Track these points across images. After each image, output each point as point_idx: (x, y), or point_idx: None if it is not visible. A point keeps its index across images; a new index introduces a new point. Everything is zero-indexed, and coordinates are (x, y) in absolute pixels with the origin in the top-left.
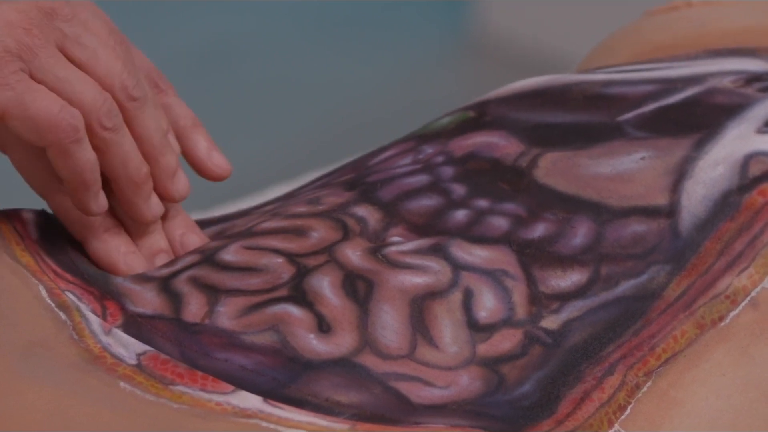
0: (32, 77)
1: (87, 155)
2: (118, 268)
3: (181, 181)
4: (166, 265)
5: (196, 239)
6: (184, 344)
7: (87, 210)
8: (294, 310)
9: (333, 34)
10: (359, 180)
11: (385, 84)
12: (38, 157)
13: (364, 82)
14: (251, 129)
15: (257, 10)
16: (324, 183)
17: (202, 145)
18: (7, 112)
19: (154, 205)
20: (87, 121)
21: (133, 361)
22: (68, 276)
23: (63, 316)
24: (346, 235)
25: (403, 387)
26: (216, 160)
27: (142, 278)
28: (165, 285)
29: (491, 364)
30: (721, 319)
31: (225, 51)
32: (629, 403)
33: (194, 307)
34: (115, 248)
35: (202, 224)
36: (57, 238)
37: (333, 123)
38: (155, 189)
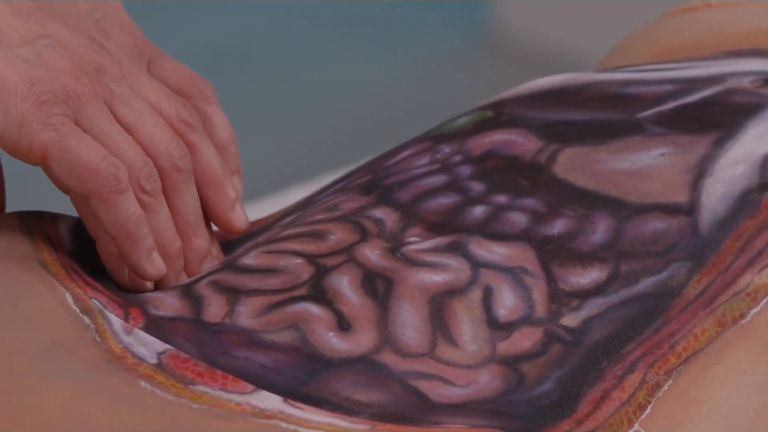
0: (77, 125)
1: (132, 208)
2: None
3: (209, 267)
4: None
5: None
6: (204, 343)
7: (140, 271)
8: (314, 309)
9: (349, 33)
10: (377, 182)
11: (402, 83)
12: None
13: (380, 81)
14: (266, 129)
15: (273, 9)
16: (341, 187)
17: (231, 196)
18: (48, 152)
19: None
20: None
21: (154, 360)
22: (97, 285)
23: (87, 320)
24: (364, 236)
25: (423, 385)
26: (239, 213)
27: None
28: (186, 290)
29: (511, 362)
30: (741, 316)
31: (240, 50)
32: (649, 402)
33: (214, 308)
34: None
35: (225, 246)
36: (90, 250)
37: (350, 122)
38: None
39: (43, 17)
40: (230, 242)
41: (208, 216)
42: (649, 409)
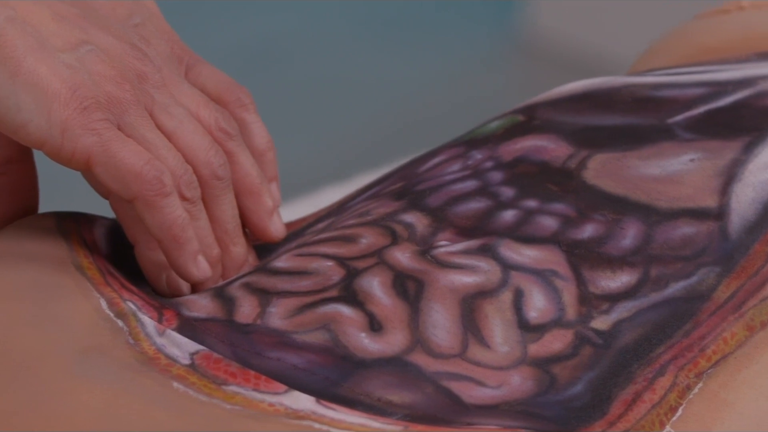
0: (120, 131)
1: (177, 211)
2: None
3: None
4: None
5: None
6: (236, 344)
7: (186, 274)
8: (345, 310)
9: (383, 34)
10: (408, 189)
11: (434, 84)
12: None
13: (412, 82)
14: (298, 130)
15: (305, 11)
16: (374, 193)
17: (268, 205)
18: (92, 158)
19: None
20: None
21: (187, 361)
22: (133, 288)
23: (120, 324)
24: (395, 240)
25: (455, 386)
26: (277, 222)
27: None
28: (219, 291)
29: (542, 364)
30: None
31: (271, 52)
32: (680, 404)
33: (246, 309)
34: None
35: (258, 250)
36: (127, 253)
37: (383, 123)
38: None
39: (86, 24)
40: (264, 246)
41: (245, 224)
42: (680, 411)
